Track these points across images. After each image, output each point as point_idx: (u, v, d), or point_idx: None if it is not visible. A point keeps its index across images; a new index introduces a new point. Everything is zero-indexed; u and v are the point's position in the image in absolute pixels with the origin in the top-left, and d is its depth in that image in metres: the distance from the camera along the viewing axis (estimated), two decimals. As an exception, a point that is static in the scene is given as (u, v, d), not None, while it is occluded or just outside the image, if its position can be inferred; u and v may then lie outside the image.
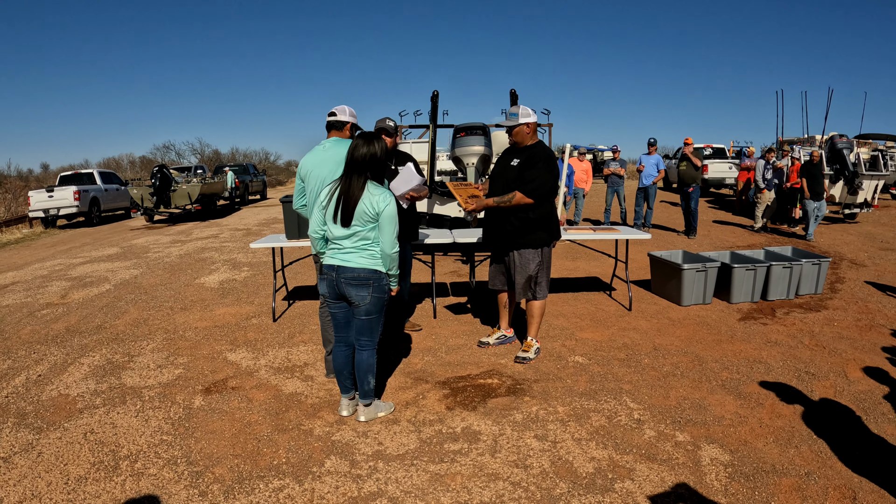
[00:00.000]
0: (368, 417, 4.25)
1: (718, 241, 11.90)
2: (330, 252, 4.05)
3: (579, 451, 3.75)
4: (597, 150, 35.39)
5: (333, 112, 4.73)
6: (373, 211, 3.84)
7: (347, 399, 4.34)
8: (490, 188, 5.31)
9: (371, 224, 3.89)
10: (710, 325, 6.23)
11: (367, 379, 4.18)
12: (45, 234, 17.48)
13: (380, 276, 3.98)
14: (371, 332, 4.12)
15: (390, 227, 3.90)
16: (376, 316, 4.08)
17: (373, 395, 4.26)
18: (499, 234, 5.20)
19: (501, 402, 4.46)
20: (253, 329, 6.47)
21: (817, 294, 7.50)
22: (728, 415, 4.21)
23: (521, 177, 5.00)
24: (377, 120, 5.56)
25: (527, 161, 5.01)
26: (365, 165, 3.90)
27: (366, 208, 3.84)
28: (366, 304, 3.99)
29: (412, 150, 11.80)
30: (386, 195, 3.89)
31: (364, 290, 3.96)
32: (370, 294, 3.97)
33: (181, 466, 3.73)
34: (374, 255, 3.95)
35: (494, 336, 5.73)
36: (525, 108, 5.07)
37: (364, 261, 3.94)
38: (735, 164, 20.86)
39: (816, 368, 5.06)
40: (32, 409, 4.64)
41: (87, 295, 8.42)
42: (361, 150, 3.88)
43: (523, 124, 5.05)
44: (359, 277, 3.93)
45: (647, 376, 4.91)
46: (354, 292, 3.96)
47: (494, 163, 5.47)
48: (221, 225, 17.52)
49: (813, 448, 3.76)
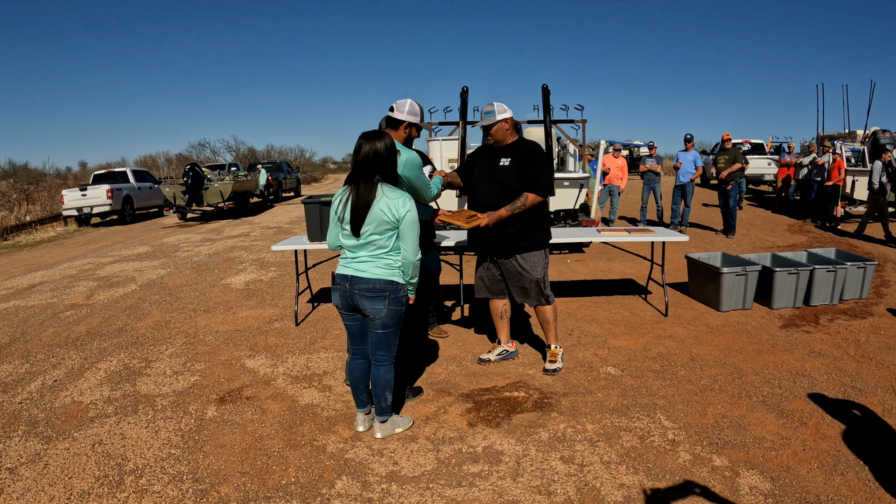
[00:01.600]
0: (385, 434, 4.02)
1: (758, 241, 11.50)
2: (343, 261, 3.79)
3: (608, 477, 3.49)
4: (633, 147, 34.84)
5: (392, 106, 4.29)
6: (392, 217, 3.57)
7: (363, 414, 4.12)
8: (477, 193, 4.87)
9: (390, 231, 3.62)
10: (750, 333, 5.91)
11: (384, 395, 3.94)
12: (78, 233, 17.62)
13: (397, 287, 3.70)
14: (388, 347, 3.86)
15: (412, 232, 3.63)
16: (393, 329, 3.81)
17: (390, 411, 4.03)
18: (497, 239, 4.79)
19: (527, 419, 4.22)
20: (274, 333, 6.30)
21: (862, 299, 7.13)
22: (769, 435, 3.92)
23: (523, 176, 4.63)
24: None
25: (524, 159, 4.65)
26: (371, 166, 3.60)
27: (385, 214, 3.56)
28: (381, 316, 3.72)
29: (441, 148, 11.62)
30: (405, 199, 3.61)
31: (380, 302, 3.68)
32: (386, 306, 3.70)
33: (186, 484, 3.55)
34: (390, 265, 3.68)
35: (496, 352, 5.33)
36: (500, 104, 4.71)
37: (380, 271, 3.66)
38: (774, 160, 20.32)
39: (863, 383, 4.73)
40: (44, 417, 4.52)
41: (112, 296, 8.36)
42: (364, 150, 3.59)
43: (501, 121, 4.69)
44: (374, 289, 3.65)
45: (683, 390, 4.63)
46: (370, 305, 3.69)
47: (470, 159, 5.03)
48: (253, 223, 17.50)
49: (860, 475, 3.46)
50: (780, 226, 13.55)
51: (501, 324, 5.29)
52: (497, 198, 4.70)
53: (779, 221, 14.24)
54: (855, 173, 13.77)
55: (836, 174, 12.96)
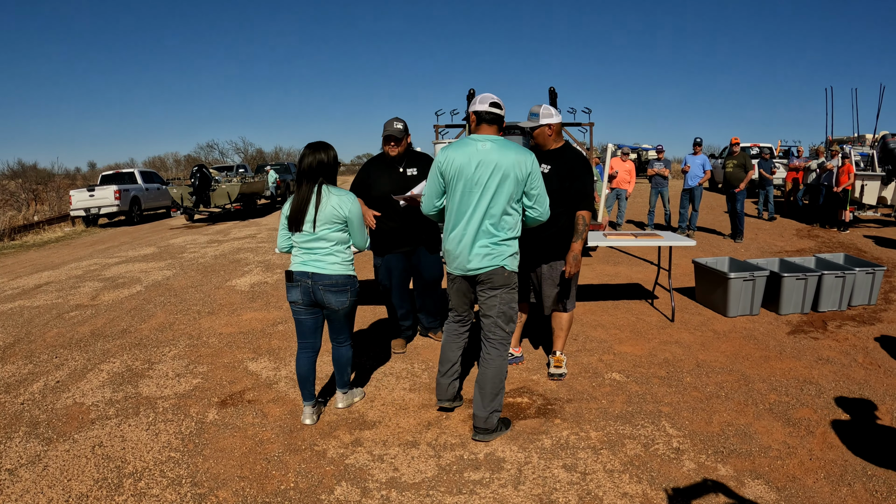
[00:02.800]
0: (347, 403, 4.49)
1: (766, 246, 11.42)
2: (300, 259, 4.07)
3: (611, 486, 3.44)
4: (641, 150, 34.73)
5: (496, 103, 3.92)
6: (341, 213, 3.95)
7: (310, 407, 4.31)
8: None
9: (339, 225, 3.99)
10: (757, 340, 5.85)
11: (346, 371, 4.42)
12: (85, 233, 17.66)
13: (354, 280, 4.12)
14: (349, 329, 4.29)
15: (359, 223, 4.07)
16: (348, 319, 4.23)
17: (350, 384, 4.53)
18: (531, 247, 4.64)
19: (530, 425, 4.17)
20: (278, 336, 6.27)
21: (871, 305, 7.05)
22: (776, 444, 3.86)
23: (562, 187, 4.51)
24: (385, 123, 5.14)
25: (568, 171, 4.53)
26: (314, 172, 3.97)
27: (335, 211, 3.94)
28: (338, 307, 4.09)
29: (448, 151, 11.58)
30: (349, 198, 4.01)
31: (343, 295, 4.06)
32: (349, 298, 4.10)
33: (185, 488, 3.52)
34: (346, 261, 4.07)
35: None
36: (547, 107, 4.57)
37: (340, 267, 4.03)
38: (783, 163, 20.21)
39: (871, 391, 4.67)
40: (45, 418, 4.50)
41: (118, 297, 8.35)
42: (307, 160, 3.96)
43: (545, 125, 4.56)
44: (337, 284, 4.02)
45: (689, 397, 4.58)
46: (335, 298, 4.05)
47: None
48: (260, 224, 17.51)
49: (868, 487, 3.40)
50: (788, 230, 13.46)
51: None
52: None
53: (787, 226, 14.14)
54: (864, 177, 13.67)
55: (845, 178, 12.86)
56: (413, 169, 5.25)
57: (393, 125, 5.10)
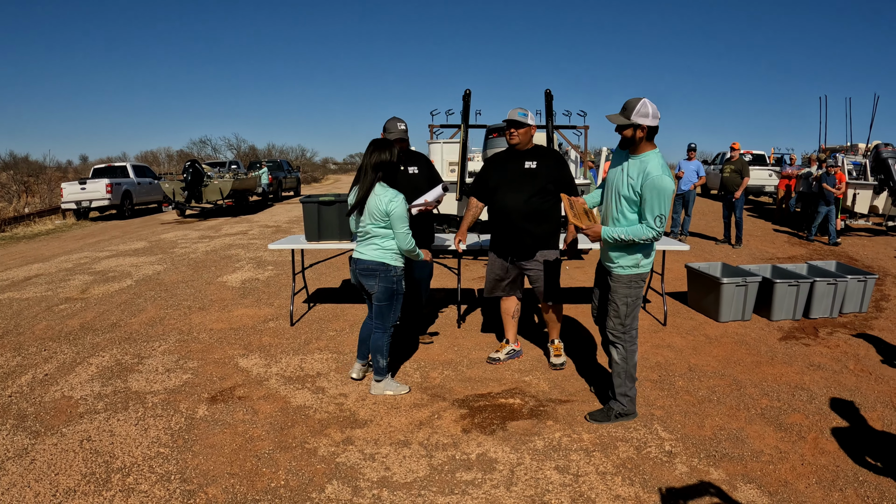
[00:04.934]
0: (375, 392, 4.70)
1: (758, 252, 11.44)
2: (356, 246, 4.57)
3: (603, 488, 3.43)
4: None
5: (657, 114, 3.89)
6: (379, 211, 4.28)
7: (359, 363, 4.97)
8: (500, 195, 4.92)
9: (379, 222, 4.33)
10: (749, 345, 5.86)
11: (376, 357, 4.64)
12: (76, 226, 17.54)
13: (387, 267, 4.42)
14: (382, 318, 4.57)
15: (399, 224, 4.32)
16: (387, 304, 4.52)
17: (384, 372, 4.69)
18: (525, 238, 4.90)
19: (522, 426, 4.16)
20: (269, 333, 6.24)
21: (862, 312, 7.08)
22: (767, 449, 3.86)
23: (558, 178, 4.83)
24: (387, 121, 5.22)
25: (556, 163, 4.89)
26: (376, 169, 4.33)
27: (375, 207, 4.29)
28: (375, 291, 4.47)
29: (443, 151, 11.57)
30: (391, 195, 4.29)
31: (372, 279, 4.44)
32: (377, 283, 4.44)
33: (174, 484, 3.49)
34: (382, 249, 4.40)
35: (504, 351, 5.43)
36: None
37: (373, 253, 4.41)
38: (775, 171, 20.27)
39: (862, 397, 4.68)
40: (33, 411, 4.46)
41: (108, 290, 8.29)
42: (374, 158, 4.32)
43: (531, 126, 4.85)
44: (368, 268, 4.43)
45: (681, 401, 4.57)
46: (365, 281, 4.48)
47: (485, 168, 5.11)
48: (252, 221, 17.44)
49: (859, 492, 3.40)
50: (780, 237, 13.50)
51: (512, 323, 5.42)
52: (525, 199, 4.84)
53: (779, 233, 14.19)
54: (856, 186, 13.72)
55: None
56: (414, 167, 5.36)
57: (397, 126, 5.19)
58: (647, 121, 3.84)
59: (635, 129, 3.87)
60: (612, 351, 4.20)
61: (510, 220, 4.89)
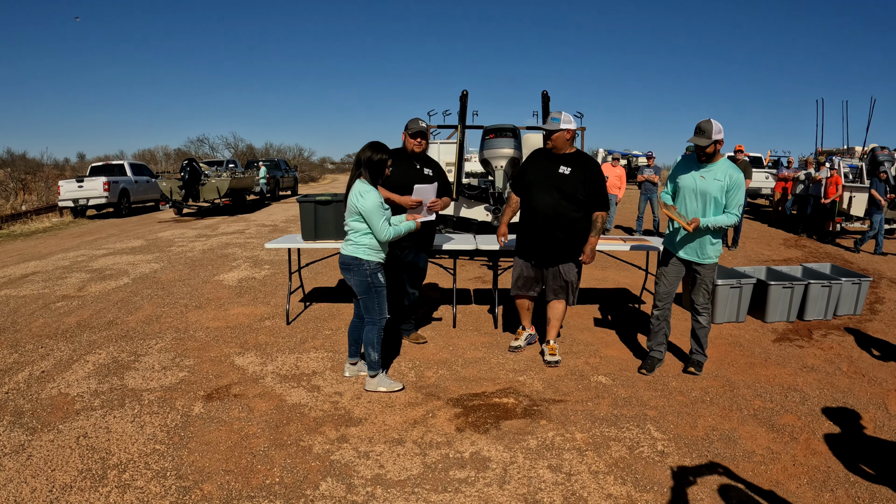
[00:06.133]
0: (369, 387, 4.76)
1: (753, 254, 11.48)
2: None
3: (595, 487, 3.46)
4: (631, 156, 34.81)
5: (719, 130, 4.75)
6: (353, 205, 4.45)
7: (349, 363, 5.07)
8: (532, 194, 5.12)
9: (354, 216, 4.48)
10: (743, 346, 5.89)
11: (368, 350, 4.71)
12: (73, 224, 17.54)
13: (360, 261, 4.52)
14: (368, 311, 4.65)
15: (373, 217, 4.41)
16: (366, 297, 4.61)
17: (377, 367, 4.74)
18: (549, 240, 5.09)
19: (516, 425, 4.18)
20: (265, 332, 6.26)
21: (856, 315, 7.11)
22: (759, 450, 3.89)
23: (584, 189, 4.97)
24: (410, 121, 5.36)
25: (590, 176, 5.01)
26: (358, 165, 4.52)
27: (350, 202, 4.48)
28: (353, 285, 4.61)
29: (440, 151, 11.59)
30: (364, 189, 4.42)
31: (348, 272, 4.58)
32: (353, 276, 4.57)
33: (170, 480, 3.51)
34: (356, 244, 4.52)
35: (523, 337, 5.74)
36: (567, 114, 4.97)
37: (348, 248, 4.57)
38: (772, 173, 20.31)
39: (855, 399, 4.71)
40: (30, 408, 4.48)
41: (104, 288, 8.30)
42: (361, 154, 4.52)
43: (563, 130, 4.95)
44: (345, 263, 4.57)
45: (674, 402, 4.60)
46: (345, 275, 4.63)
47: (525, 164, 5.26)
48: (249, 220, 17.45)
49: (850, 493, 3.44)
50: (775, 240, 13.55)
51: (527, 314, 5.71)
52: (554, 202, 5.00)
53: (775, 235, 14.24)
54: (852, 189, 13.77)
55: (833, 190, 12.96)
56: (429, 170, 5.50)
57: (419, 123, 5.33)
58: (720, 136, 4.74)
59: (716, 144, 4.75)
60: (699, 319, 5.11)
61: (537, 220, 5.07)
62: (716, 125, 4.70)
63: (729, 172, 4.75)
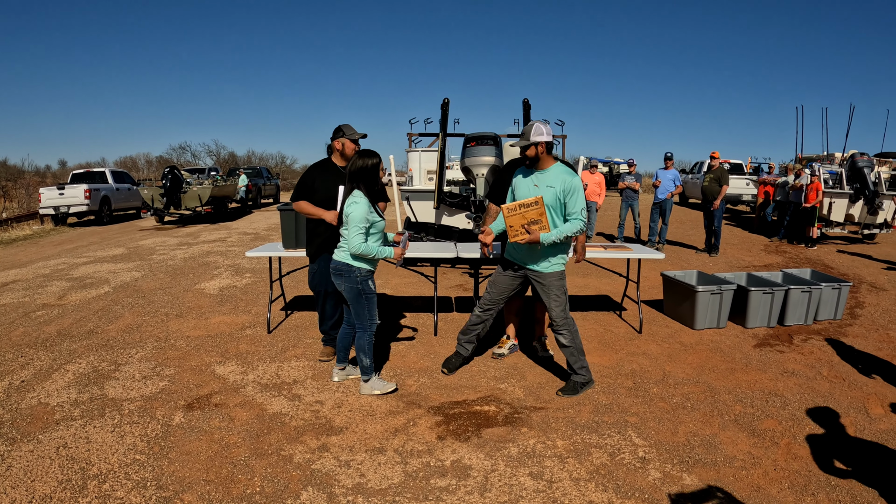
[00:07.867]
0: (364, 392, 4.83)
1: (734, 260, 11.57)
2: None
3: (576, 494, 3.47)
4: (613, 164, 35.00)
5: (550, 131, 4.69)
6: (345, 213, 4.52)
7: (338, 368, 5.11)
8: None
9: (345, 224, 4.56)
10: (723, 352, 5.93)
11: (359, 356, 4.77)
12: (54, 232, 17.39)
13: (350, 268, 4.56)
14: (359, 318, 4.70)
15: (352, 226, 4.45)
16: (356, 304, 4.65)
17: (370, 371, 4.82)
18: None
19: (497, 433, 4.19)
20: (246, 340, 6.24)
21: (836, 320, 7.19)
22: (740, 455, 3.92)
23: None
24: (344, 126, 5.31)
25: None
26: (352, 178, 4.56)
27: (343, 211, 4.55)
28: (343, 291, 4.67)
29: (421, 159, 11.61)
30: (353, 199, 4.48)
31: (339, 278, 4.64)
32: (343, 283, 4.62)
33: (150, 491, 3.49)
34: (346, 250, 4.56)
35: (507, 346, 5.79)
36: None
37: (341, 254, 4.64)
38: (752, 180, 20.49)
39: (836, 403, 4.76)
40: (10, 418, 4.43)
41: (85, 297, 8.24)
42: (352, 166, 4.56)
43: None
44: (336, 268, 4.64)
45: (655, 408, 4.63)
46: (335, 280, 4.69)
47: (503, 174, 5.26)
48: (231, 228, 17.38)
49: (831, 496, 3.47)
50: (756, 245, 13.65)
51: (515, 319, 5.79)
52: None
53: (755, 241, 14.35)
54: (832, 195, 13.91)
55: (813, 196, 13.08)
56: None
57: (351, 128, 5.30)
58: (542, 137, 4.60)
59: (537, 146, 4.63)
60: (559, 338, 4.82)
61: None
62: (538, 127, 4.55)
63: (562, 177, 4.60)
